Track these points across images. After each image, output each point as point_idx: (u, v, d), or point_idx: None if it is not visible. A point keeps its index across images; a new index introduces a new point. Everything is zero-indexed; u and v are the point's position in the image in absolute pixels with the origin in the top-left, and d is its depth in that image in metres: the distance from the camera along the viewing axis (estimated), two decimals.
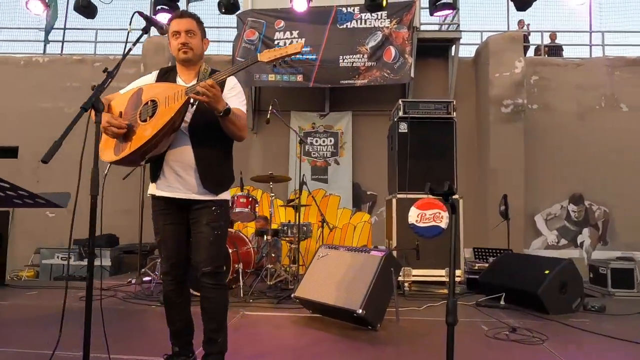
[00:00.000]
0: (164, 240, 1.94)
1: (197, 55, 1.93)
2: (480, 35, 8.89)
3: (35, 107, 8.55)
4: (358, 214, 5.72)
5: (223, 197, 1.95)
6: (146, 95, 1.83)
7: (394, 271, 2.82)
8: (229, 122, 1.78)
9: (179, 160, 1.86)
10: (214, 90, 1.65)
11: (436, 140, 4.04)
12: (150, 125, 1.74)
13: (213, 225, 1.88)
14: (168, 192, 1.89)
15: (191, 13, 1.96)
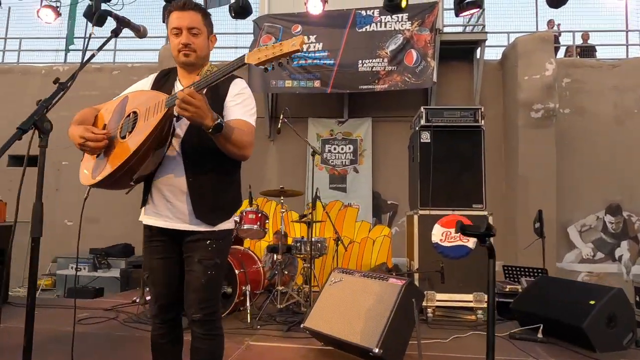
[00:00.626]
0: (153, 277, 1.66)
1: (200, 57, 1.62)
2: (507, 36, 8.48)
3: (54, 115, 8.44)
4: (377, 227, 5.38)
5: (222, 227, 1.63)
6: (130, 105, 1.55)
7: (415, 302, 2.49)
8: (224, 140, 1.45)
9: (168, 183, 1.58)
10: (194, 101, 1.32)
11: (462, 151, 3.68)
12: (129, 143, 1.45)
13: (206, 263, 1.57)
14: (155, 221, 1.61)
15: (196, 4, 1.61)
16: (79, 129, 1.49)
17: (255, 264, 3.75)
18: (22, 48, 9.83)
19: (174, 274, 1.64)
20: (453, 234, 3.53)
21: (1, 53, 10.02)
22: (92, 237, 7.01)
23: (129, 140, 1.45)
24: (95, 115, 1.66)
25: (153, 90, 1.61)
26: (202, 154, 1.56)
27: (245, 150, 1.54)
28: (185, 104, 1.31)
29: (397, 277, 2.62)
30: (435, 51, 6.94)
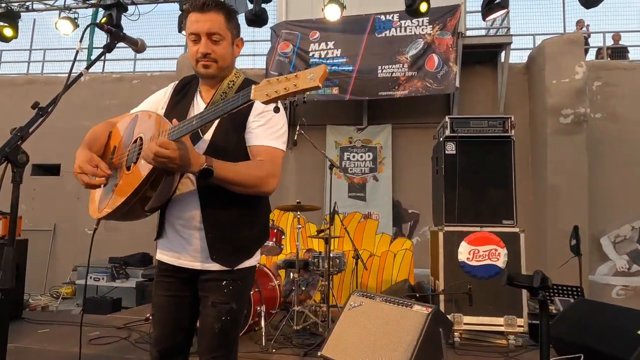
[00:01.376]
0: (158, 316, 1.47)
1: (222, 68, 1.39)
2: (532, 39, 8.19)
3: (76, 125, 8.67)
4: (398, 240, 5.16)
5: (243, 265, 1.42)
6: (137, 128, 1.35)
7: (442, 331, 2.28)
8: (223, 183, 1.25)
9: (182, 217, 1.38)
10: (166, 152, 1.12)
11: (491, 163, 3.44)
12: (131, 178, 1.27)
13: (220, 308, 1.37)
14: (168, 257, 1.43)
15: (218, 3, 1.35)
16: (83, 156, 1.31)
17: (271, 281, 3.59)
18: (45, 59, 10.04)
19: (182, 316, 1.45)
20: (481, 252, 3.30)
21: (26, 64, 10.24)
22: (112, 245, 7.02)
23: (132, 175, 1.28)
24: (110, 131, 1.47)
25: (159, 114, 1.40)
26: (219, 188, 1.31)
27: (262, 187, 1.33)
28: (160, 158, 1.12)
29: (422, 303, 2.42)
30: (458, 55, 6.72)
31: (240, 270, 1.42)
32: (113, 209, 1.29)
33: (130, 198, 1.25)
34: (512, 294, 3.22)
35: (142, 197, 1.28)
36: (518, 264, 3.30)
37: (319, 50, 7.22)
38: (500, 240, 3.30)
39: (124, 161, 1.35)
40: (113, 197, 1.31)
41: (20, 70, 10.08)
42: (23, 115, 5.88)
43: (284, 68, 7.23)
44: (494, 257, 3.28)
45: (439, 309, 2.49)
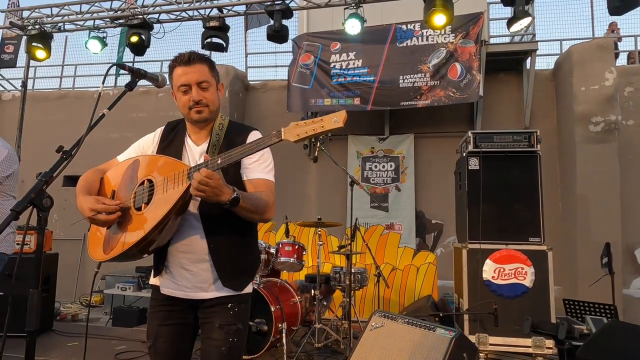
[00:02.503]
0: (157, 347, 1.49)
1: (213, 111, 1.52)
2: (559, 44, 7.98)
3: (104, 137, 8.93)
4: (421, 253, 5.08)
5: (246, 290, 1.53)
6: (142, 172, 1.42)
7: (467, 356, 2.23)
8: (242, 211, 1.35)
9: (187, 251, 1.46)
10: (211, 182, 1.21)
11: (516, 178, 3.35)
12: (145, 217, 1.33)
13: (228, 329, 1.43)
14: (175, 292, 1.48)
15: (201, 56, 1.51)
16: (89, 200, 1.38)
17: (293, 297, 3.60)
18: (76, 74, 10.42)
19: (183, 344, 1.50)
20: (507, 270, 3.21)
21: (58, 79, 10.64)
22: None
23: (147, 214, 1.33)
24: (101, 178, 1.55)
25: (168, 156, 1.48)
26: (222, 217, 1.42)
27: (267, 214, 1.45)
28: (203, 186, 1.21)
29: (446, 327, 2.36)
30: (481, 64, 6.60)
31: (243, 295, 1.50)
32: (125, 249, 1.34)
33: (149, 234, 1.30)
34: (539, 314, 3.12)
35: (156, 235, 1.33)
36: (546, 284, 3.20)
37: (340, 61, 7.23)
38: (527, 258, 3.21)
39: (130, 203, 1.40)
40: (124, 238, 1.35)
41: (52, 86, 10.48)
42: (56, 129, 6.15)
43: (305, 79, 7.28)
44: (521, 276, 3.19)
45: (463, 333, 2.42)
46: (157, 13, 5.13)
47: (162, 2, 5.11)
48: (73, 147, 1.23)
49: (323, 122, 1.21)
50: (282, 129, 1.24)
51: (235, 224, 1.46)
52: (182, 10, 5.06)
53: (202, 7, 4.98)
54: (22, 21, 5.59)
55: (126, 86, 1.43)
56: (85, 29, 5.43)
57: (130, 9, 5.15)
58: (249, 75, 8.60)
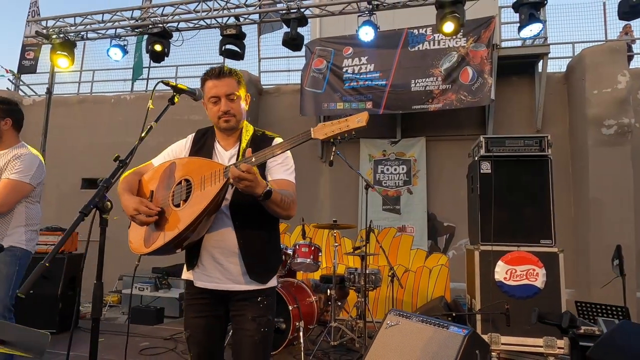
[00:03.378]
0: (194, 336, 1.64)
1: (239, 120, 1.68)
2: (572, 47, 7.99)
3: (122, 141, 9.19)
4: (434, 255, 5.16)
5: (271, 284, 1.65)
6: (179, 172, 1.56)
7: (479, 354, 2.32)
8: (272, 204, 1.47)
9: (219, 245, 1.59)
10: (250, 176, 1.34)
11: (527, 182, 3.43)
12: (184, 213, 1.46)
13: (259, 320, 1.57)
14: (207, 284, 1.61)
15: (231, 70, 1.66)
16: (134, 200, 1.53)
17: (309, 297, 3.71)
18: (94, 79, 10.69)
19: (216, 333, 1.65)
20: (519, 271, 3.28)
21: (77, 84, 10.91)
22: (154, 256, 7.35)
23: (186, 209, 1.46)
24: (139, 180, 1.70)
25: (202, 157, 1.63)
26: (251, 216, 1.58)
27: (290, 210, 1.56)
28: (243, 179, 1.33)
29: (459, 325, 2.46)
30: (493, 67, 6.66)
31: (269, 289, 1.65)
32: (164, 243, 1.47)
33: (185, 230, 1.44)
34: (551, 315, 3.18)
35: (192, 230, 1.46)
36: (557, 285, 3.27)
37: (352, 66, 7.34)
38: (538, 260, 3.28)
39: (168, 201, 1.54)
40: (164, 233, 1.49)
41: (71, 91, 10.73)
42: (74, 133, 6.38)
43: (318, 84, 7.41)
44: (532, 277, 3.26)
45: (476, 331, 2.51)
46: (176, 22, 5.30)
47: (181, 11, 5.28)
48: (127, 156, 1.38)
49: (348, 122, 1.34)
50: (311, 128, 1.37)
51: (263, 223, 1.61)
52: (201, 19, 5.23)
53: (219, 15, 5.14)
54: (46, 30, 5.82)
55: (169, 101, 1.57)
56: (107, 37, 5.63)
57: (150, 18, 5.33)
58: (262, 80, 8.75)
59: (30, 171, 2.40)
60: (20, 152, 2.45)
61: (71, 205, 8.81)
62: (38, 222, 2.54)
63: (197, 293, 1.64)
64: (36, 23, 6.05)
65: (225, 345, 1.71)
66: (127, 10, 5.59)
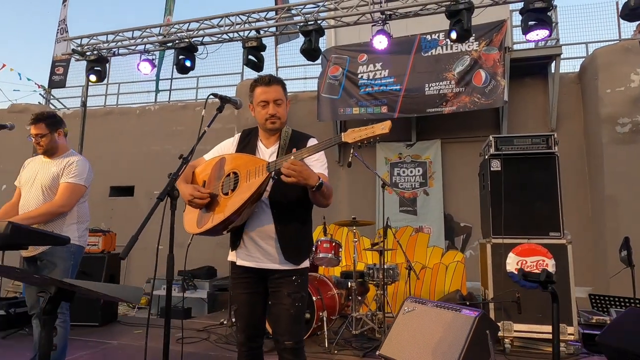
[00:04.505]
0: (241, 311, 1.92)
1: (283, 123, 1.94)
2: (585, 47, 8.08)
3: (147, 150, 9.64)
4: (450, 252, 5.34)
5: (304, 265, 1.90)
6: (228, 166, 1.84)
7: (489, 334, 2.52)
8: (319, 194, 1.71)
9: (259, 230, 1.86)
10: (298, 168, 1.58)
11: (536, 178, 3.62)
12: (232, 200, 1.74)
13: (294, 296, 1.83)
14: (248, 262, 1.88)
15: (278, 79, 1.94)
16: (189, 187, 1.82)
17: (331, 290, 3.95)
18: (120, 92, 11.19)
19: (258, 307, 1.91)
20: (529, 262, 3.47)
21: (103, 97, 11.42)
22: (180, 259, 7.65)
23: (233, 198, 1.74)
24: (192, 172, 1.99)
25: (248, 154, 1.91)
26: (287, 206, 1.85)
27: (330, 199, 1.83)
28: (292, 171, 1.58)
29: (470, 308, 2.67)
30: (506, 69, 6.81)
31: (303, 269, 1.89)
32: (214, 225, 1.75)
33: (233, 214, 1.72)
34: (561, 303, 3.35)
35: (237, 215, 1.73)
36: (566, 275, 3.44)
37: (367, 72, 7.57)
38: (548, 251, 3.46)
39: (219, 190, 1.83)
40: (213, 216, 1.78)
41: (98, 103, 11.21)
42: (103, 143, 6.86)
43: (334, 90, 7.67)
44: (542, 268, 3.44)
45: (486, 313, 2.71)
46: (201, 36, 5.66)
47: (205, 26, 5.64)
48: (188, 155, 1.66)
49: (374, 129, 1.58)
50: (342, 133, 1.62)
51: (297, 212, 1.87)
52: (224, 33, 5.58)
53: (241, 29, 5.47)
54: (81, 47, 6.26)
55: (217, 109, 1.86)
56: (137, 52, 6.03)
57: (177, 34, 5.71)
58: None
59: (84, 174, 2.72)
60: (74, 159, 2.77)
61: (101, 212, 9.27)
62: (88, 219, 2.85)
63: (241, 273, 1.91)
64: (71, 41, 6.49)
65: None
66: (155, 27, 5.99)
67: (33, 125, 2.71)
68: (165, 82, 10.67)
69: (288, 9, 5.47)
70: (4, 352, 3.42)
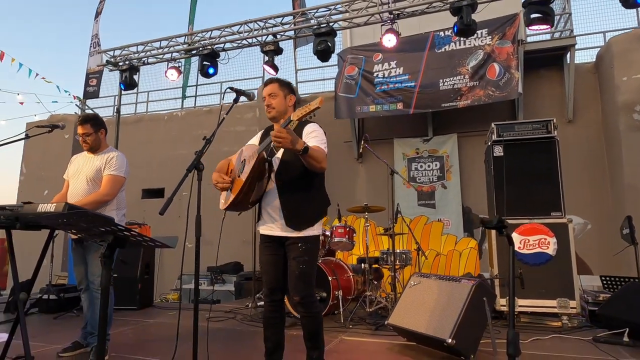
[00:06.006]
0: (264, 269, 2.30)
1: (279, 112, 2.29)
2: (602, 36, 8.06)
3: (175, 154, 10.17)
4: (464, 239, 5.53)
5: (308, 233, 2.20)
6: (243, 155, 2.26)
7: (487, 301, 2.75)
8: (309, 158, 2.02)
9: (269, 203, 2.23)
10: (282, 134, 1.88)
11: (537, 162, 3.80)
12: (239, 181, 2.15)
13: (298, 259, 2.15)
14: (265, 230, 2.27)
15: (275, 79, 2.35)
16: (215, 174, 2.27)
17: (346, 272, 4.24)
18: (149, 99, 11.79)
19: (278, 267, 2.26)
20: (531, 241, 3.65)
21: (134, 105, 12.04)
22: (208, 256, 8.09)
23: (240, 179, 2.16)
24: (228, 163, 2.41)
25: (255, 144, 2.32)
26: (290, 182, 2.20)
27: (323, 163, 2.12)
28: (276, 137, 1.91)
29: (470, 278, 2.91)
30: (519, 62, 6.90)
31: (308, 237, 2.20)
32: (230, 200, 2.17)
33: (239, 192, 2.12)
34: (563, 279, 3.53)
35: (246, 193, 2.13)
36: (568, 252, 3.61)
37: (382, 70, 7.80)
38: (549, 230, 3.64)
39: (236, 174, 2.26)
40: (231, 194, 2.21)
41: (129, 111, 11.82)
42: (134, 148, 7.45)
43: (351, 89, 7.95)
44: (544, 246, 3.62)
45: (483, 282, 2.94)
46: (222, 43, 6.07)
47: (226, 33, 6.05)
48: (211, 136, 2.02)
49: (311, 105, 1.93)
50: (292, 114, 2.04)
51: (300, 186, 2.19)
52: (243, 39, 5.97)
53: (259, 34, 5.85)
54: (114, 58, 6.78)
55: (234, 100, 2.21)
56: (165, 61, 6.50)
57: (201, 42, 6.14)
58: (299, 90, 9.40)
59: (123, 167, 3.13)
60: (113, 154, 3.18)
61: (134, 213, 9.83)
62: (125, 206, 3.24)
63: (264, 240, 2.29)
64: (105, 53, 7.04)
65: None
66: (181, 36, 6.44)
67: (81, 125, 3.13)
68: (191, 89, 11.22)
69: (302, 14, 5.81)
70: (57, 329, 3.88)
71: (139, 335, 3.64)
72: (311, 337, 2.18)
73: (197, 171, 1.84)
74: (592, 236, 6.82)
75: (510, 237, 1.66)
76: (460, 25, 4.68)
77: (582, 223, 6.90)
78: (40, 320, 4.28)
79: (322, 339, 2.21)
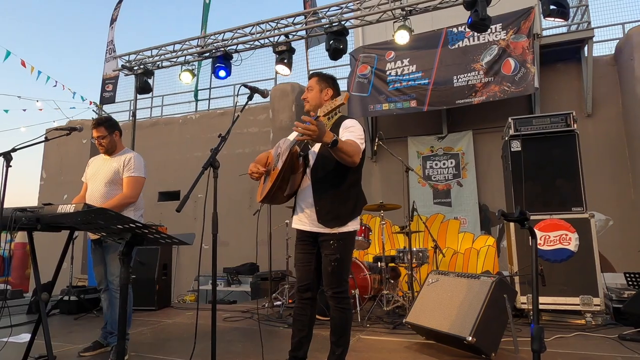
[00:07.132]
0: (297, 266, 2.32)
1: (313, 105, 2.34)
2: (621, 27, 7.86)
3: (190, 156, 10.27)
4: (481, 237, 5.44)
5: (341, 230, 2.18)
6: (279, 148, 2.29)
7: (507, 298, 2.70)
8: (339, 151, 1.97)
9: (303, 199, 2.25)
10: (311, 127, 1.82)
11: (557, 156, 3.71)
12: (274, 174, 2.16)
13: (330, 257, 2.16)
14: (298, 225, 2.29)
15: (316, 73, 2.42)
16: (251, 164, 2.30)
17: (363, 272, 4.21)
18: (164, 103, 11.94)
19: (311, 264, 2.26)
20: (552, 237, 3.57)
21: (149, 109, 12.21)
22: (224, 258, 8.16)
23: (274, 172, 2.17)
24: (267, 156, 2.43)
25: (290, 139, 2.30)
26: (324, 178, 2.21)
27: (355, 157, 2.06)
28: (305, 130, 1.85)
29: (489, 275, 2.85)
30: (535, 56, 6.78)
31: (340, 234, 2.18)
32: (266, 191, 2.18)
33: (273, 185, 2.13)
34: (586, 275, 3.44)
35: (279, 185, 2.14)
36: (590, 248, 3.51)
37: (395, 69, 7.75)
38: (571, 225, 3.55)
39: (272, 166, 2.29)
40: (267, 185, 2.22)
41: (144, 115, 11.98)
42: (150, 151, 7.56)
43: (363, 88, 7.92)
44: (565, 242, 3.53)
45: (503, 279, 2.88)
46: (235, 44, 6.10)
47: (238, 35, 6.08)
48: (226, 134, 2.01)
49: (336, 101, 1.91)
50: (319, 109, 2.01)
51: (334, 184, 2.18)
52: (256, 40, 5.99)
53: (271, 35, 5.86)
54: (129, 63, 6.88)
55: (248, 97, 2.20)
56: (179, 64, 6.57)
57: (214, 44, 6.18)
58: None
59: (141, 167, 3.15)
60: (130, 155, 3.21)
61: (151, 216, 9.95)
62: (142, 207, 3.27)
63: (299, 235, 2.31)
64: (120, 58, 7.14)
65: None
66: (194, 39, 6.50)
67: (95, 129, 3.16)
68: (204, 92, 11.32)
69: (314, 13, 5.80)
70: (77, 330, 3.94)
71: (158, 335, 3.67)
72: (337, 332, 2.18)
73: (212, 169, 1.84)
74: (614, 233, 6.65)
75: (533, 230, 1.61)
76: (475, 19, 4.61)
77: (604, 219, 6.74)
78: (61, 321, 4.36)
79: (348, 338, 2.21)
